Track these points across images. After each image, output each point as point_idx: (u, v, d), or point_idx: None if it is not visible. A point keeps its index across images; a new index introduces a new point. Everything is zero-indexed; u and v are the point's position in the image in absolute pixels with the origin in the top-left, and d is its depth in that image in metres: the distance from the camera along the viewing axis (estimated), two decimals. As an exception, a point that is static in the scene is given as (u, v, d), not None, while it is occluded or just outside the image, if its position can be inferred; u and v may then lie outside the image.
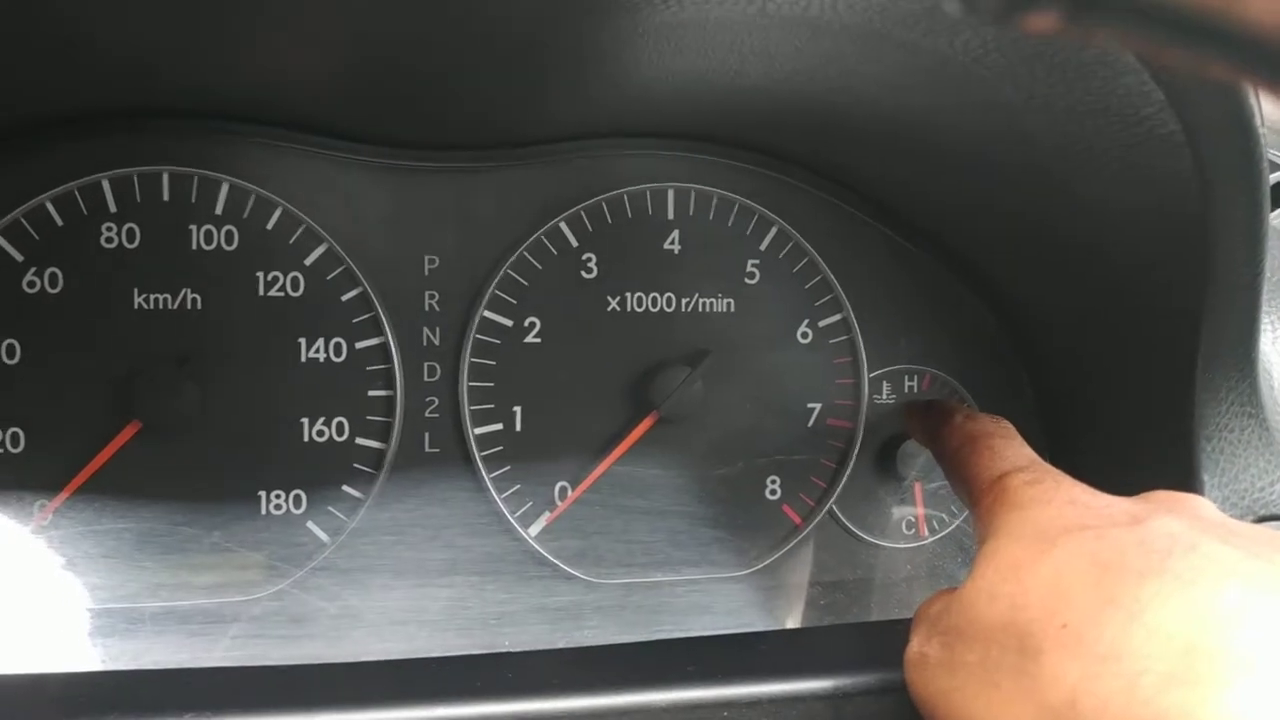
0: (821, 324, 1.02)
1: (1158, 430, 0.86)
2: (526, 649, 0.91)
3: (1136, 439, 0.90)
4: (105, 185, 0.89)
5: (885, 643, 0.73)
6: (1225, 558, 0.50)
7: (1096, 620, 0.49)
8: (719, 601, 0.99)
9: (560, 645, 0.93)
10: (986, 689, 0.53)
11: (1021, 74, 0.66)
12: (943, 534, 1.06)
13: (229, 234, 0.91)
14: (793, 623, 1.02)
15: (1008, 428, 0.77)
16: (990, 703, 0.53)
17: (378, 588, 0.93)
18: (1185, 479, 0.83)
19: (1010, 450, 0.71)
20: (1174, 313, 0.79)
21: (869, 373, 1.03)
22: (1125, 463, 0.91)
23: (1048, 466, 0.67)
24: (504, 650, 0.92)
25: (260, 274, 0.92)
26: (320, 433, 0.93)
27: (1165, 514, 0.56)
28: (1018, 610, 0.53)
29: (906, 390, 1.05)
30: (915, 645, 0.63)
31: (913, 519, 1.06)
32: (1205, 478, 0.83)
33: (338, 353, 0.94)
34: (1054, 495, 0.61)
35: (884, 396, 1.04)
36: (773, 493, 1.02)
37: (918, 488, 1.05)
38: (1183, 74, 0.59)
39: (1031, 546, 0.56)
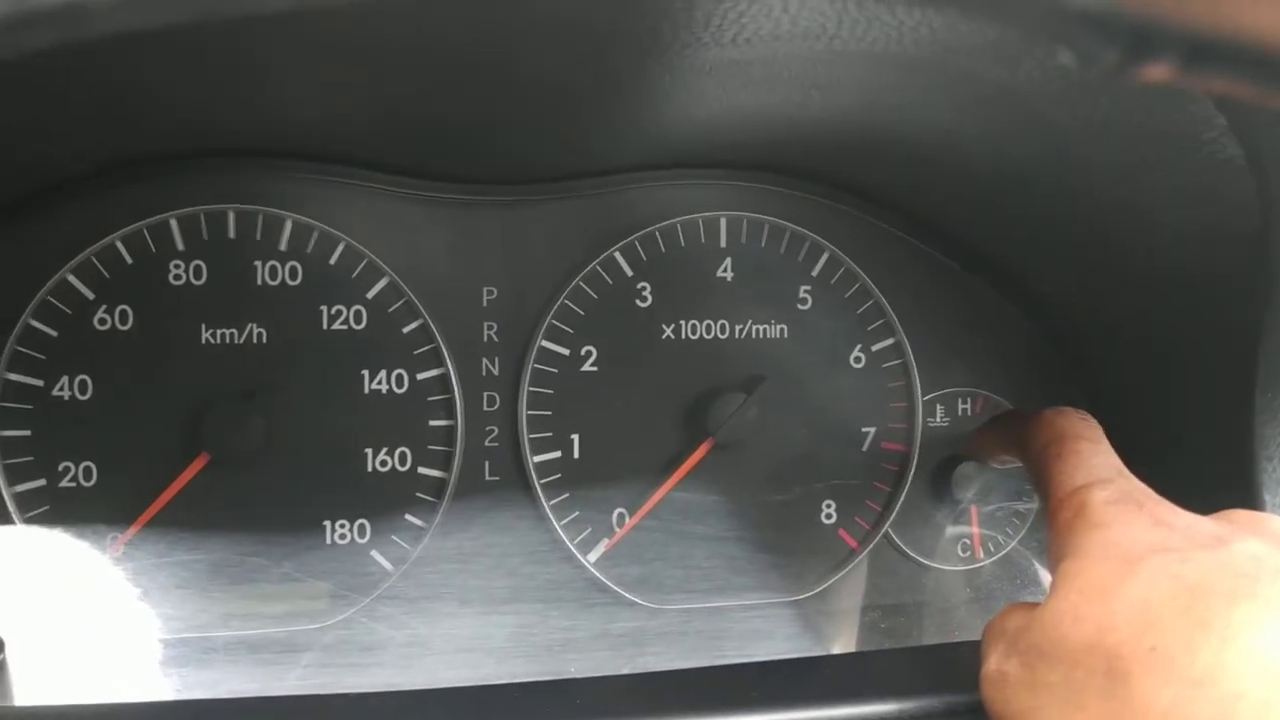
0: (874, 348, 1.03)
1: (1218, 451, 0.86)
2: (591, 675, 0.92)
3: (1197, 460, 0.90)
4: (173, 224, 0.91)
5: (950, 665, 0.73)
6: None
7: (1188, 644, 0.49)
8: (779, 626, 0.99)
9: (624, 671, 0.94)
10: (1071, 710, 0.53)
11: (1081, 102, 0.67)
12: (999, 555, 1.07)
13: (293, 269, 0.93)
14: (853, 646, 1.02)
15: (1095, 429, 0.75)
16: None
17: (444, 615, 0.94)
18: (1248, 499, 0.82)
19: (1096, 458, 0.70)
20: (1233, 333, 0.80)
21: (922, 396, 1.04)
22: (1186, 484, 0.90)
23: (1131, 480, 0.66)
24: (570, 676, 0.93)
25: (324, 308, 0.94)
26: (383, 463, 0.95)
27: (1248, 535, 0.56)
28: (1104, 632, 0.53)
29: (960, 413, 1.05)
30: (993, 663, 0.62)
31: (969, 541, 1.06)
32: (1267, 497, 0.82)
33: (399, 384, 0.95)
34: (1136, 515, 0.60)
35: (938, 419, 1.05)
36: (828, 517, 1.02)
37: (973, 510, 1.05)
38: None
39: (1116, 567, 0.56)
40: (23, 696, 0.86)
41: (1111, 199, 0.79)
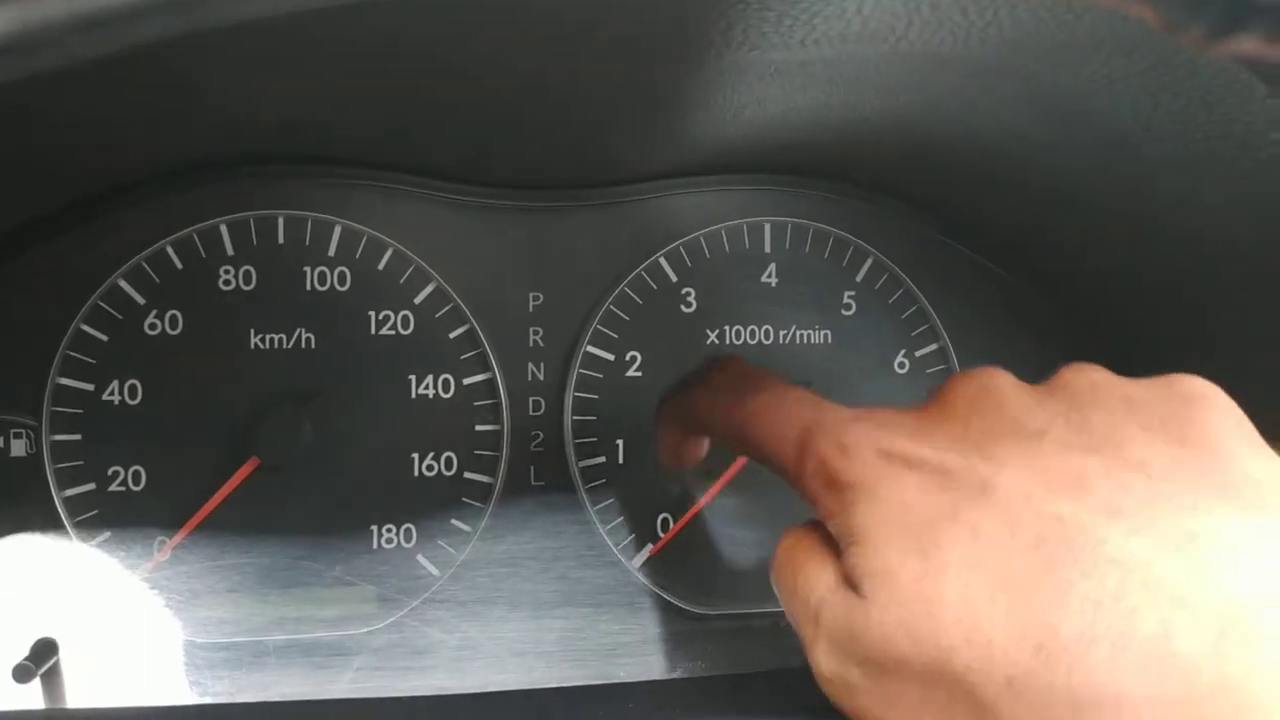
0: (918, 354, 1.03)
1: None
2: (641, 680, 0.92)
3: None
4: (223, 229, 0.92)
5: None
6: (1119, 544, 0.46)
7: (1041, 677, 0.45)
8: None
9: (674, 676, 0.94)
10: None
11: (1143, 105, 0.67)
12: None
13: (342, 275, 0.94)
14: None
15: (736, 363, 0.72)
16: None
17: (495, 619, 0.94)
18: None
19: (788, 404, 0.65)
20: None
21: (966, 402, 1.03)
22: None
23: (843, 412, 0.61)
24: (621, 681, 0.93)
25: (372, 313, 0.94)
26: (430, 467, 0.95)
27: (993, 456, 0.52)
28: (947, 653, 0.48)
29: (1003, 419, 1.05)
30: (827, 666, 0.55)
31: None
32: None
33: (446, 389, 0.96)
34: (878, 461, 0.55)
35: (981, 425, 1.04)
36: (872, 522, 1.02)
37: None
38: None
39: (918, 565, 0.51)
40: (75, 699, 0.86)
41: (1165, 198, 0.79)
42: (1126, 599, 0.44)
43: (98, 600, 0.89)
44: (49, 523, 0.88)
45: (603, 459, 0.98)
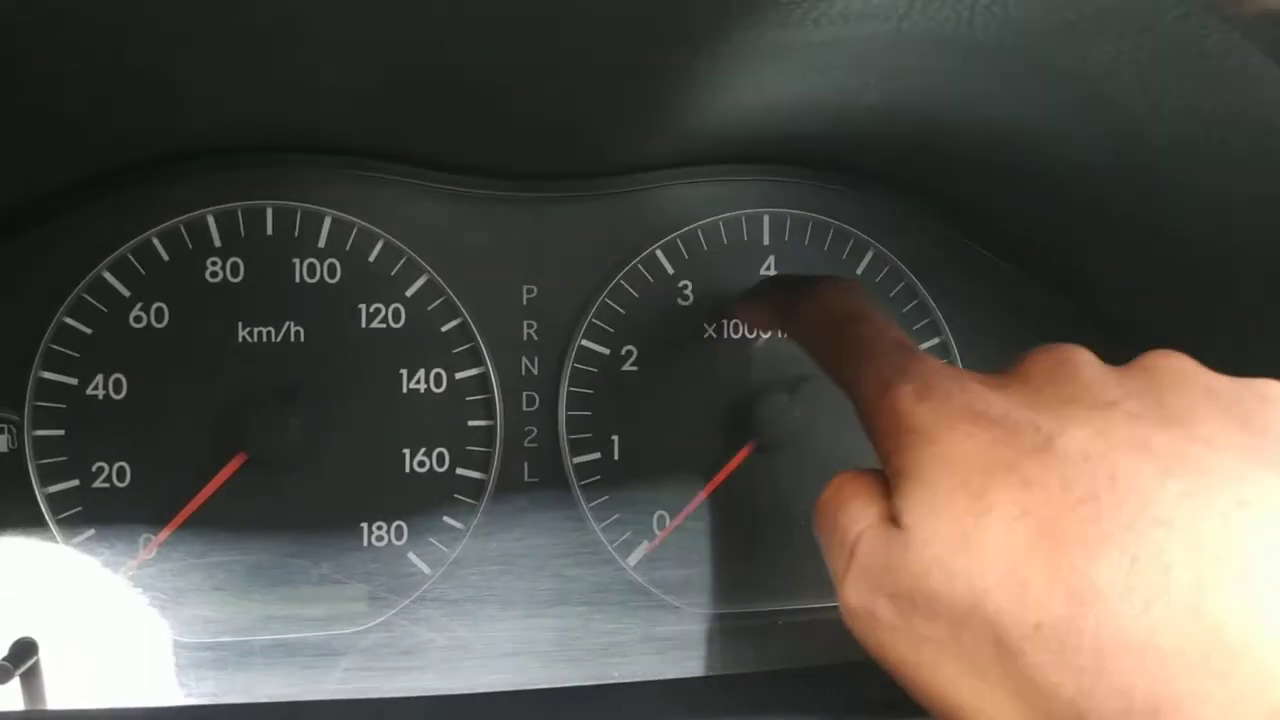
0: (920, 348, 1.01)
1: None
2: (635, 680, 0.90)
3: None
4: (210, 220, 0.90)
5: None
6: (1156, 503, 0.45)
7: (1070, 625, 0.45)
8: (826, 630, 0.97)
9: (669, 676, 0.92)
10: (971, 677, 0.49)
11: (1151, 86, 0.65)
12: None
13: (331, 267, 0.92)
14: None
15: (867, 299, 0.73)
16: (978, 692, 0.49)
17: (486, 619, 0.92)
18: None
19: (883, 343, 0.65)
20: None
21: (968, 397, 1.02)
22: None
23: (931, 364, 0.61)
24: (614, 681, 0.91)
25: (363, 306, 0.92)
26: (421, 463, 0.93)
27: (1062, 416, 0.51)
28: (980, 595, 0.48)
29: (1006, 414, 1.03)
30: (855, 597, 0.55)
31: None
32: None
33: (438, 383, 0.94)
34: (955, 417, 0.55)
35: (983, 420, 1.03)
36: (873, 520, 1.00)
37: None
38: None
39: (966, 505, 0.51)
40: (56, 700, 0.85)
41: (1173, 185, 0.77)
42: (1166, 555, 0.44)
43: (80, 599, 0.87)
44: (31, 520, 0.86)
45: (598, 455, 0.97)
